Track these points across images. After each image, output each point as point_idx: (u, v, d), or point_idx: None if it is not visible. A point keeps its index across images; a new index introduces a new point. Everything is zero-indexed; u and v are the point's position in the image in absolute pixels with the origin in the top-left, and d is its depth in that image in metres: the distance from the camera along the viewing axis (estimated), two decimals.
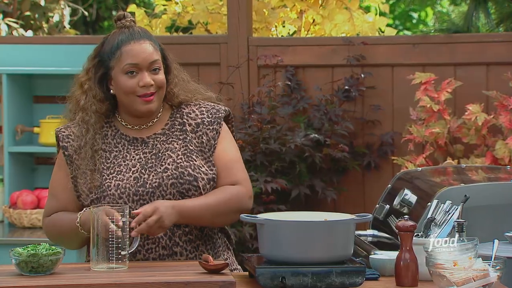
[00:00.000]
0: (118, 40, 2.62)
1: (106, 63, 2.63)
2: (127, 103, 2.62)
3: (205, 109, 2.70)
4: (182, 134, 2.67)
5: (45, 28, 6.20)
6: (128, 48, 2.60)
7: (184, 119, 2.68)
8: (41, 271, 2.32)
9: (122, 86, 2.61)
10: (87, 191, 2.61)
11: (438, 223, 2.60)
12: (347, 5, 5.32)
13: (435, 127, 4.25)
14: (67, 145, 2.66)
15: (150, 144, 2.65)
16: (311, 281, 2.28)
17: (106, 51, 2.63)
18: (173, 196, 2.58)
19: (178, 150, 2.64)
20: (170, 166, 2.61)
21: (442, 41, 4.49)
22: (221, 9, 5.37)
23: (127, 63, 2.59)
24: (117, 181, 2.59)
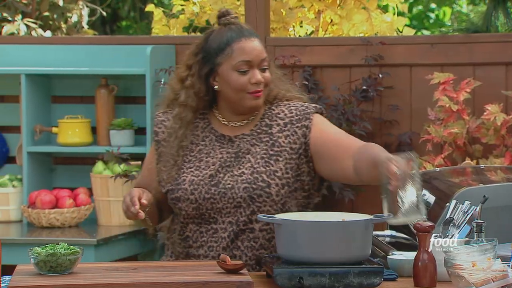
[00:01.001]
0: (227, 37, 2.61)
1: (212, 59, 2.62)
2: (236, 99, 2.62)
3: (294, 107, 2.67)
4: (266, 136, 2.64)
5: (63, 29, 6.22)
6: (240, 45, 2.60)
7: (273, 121, 2.66)
8: (59, 270, 2.33)
9: (232, 83, 2.60)
10: (166, 179, 2.64)
11: (456, 223, 2.59)
12: (365, 5, 5.31)
13: (453, 127, 4.23)
14: (158, 131, 2.70)
15: (236, 144, 2.65)
16: (329, 281, 2.28)
17: (213, 47, 2.62)
18: (243, 200, 2.59)
19: (258, 154, 2.62)
20: (246, 171, 2.61)
21: (461, 41, 4.47)
22: (238, 9, 5.37)
23: (240, 60, 2.59)
24: (192, 177, 2.61)
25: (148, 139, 4.48)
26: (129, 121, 4.57)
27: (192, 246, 2.63)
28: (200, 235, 2.62)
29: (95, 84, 4.64)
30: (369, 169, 2.44)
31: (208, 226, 2.61)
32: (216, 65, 2.62)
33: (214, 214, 2.60)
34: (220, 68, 2.62)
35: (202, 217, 2.62)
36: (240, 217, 2.59)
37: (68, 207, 4.41)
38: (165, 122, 2.69)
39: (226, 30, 2.64)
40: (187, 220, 2.64)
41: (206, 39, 2.66)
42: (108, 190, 4.46)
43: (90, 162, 4.59)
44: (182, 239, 2.66)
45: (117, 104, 4.67)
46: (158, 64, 4.51)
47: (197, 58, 2.65)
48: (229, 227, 2.59)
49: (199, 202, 2.60)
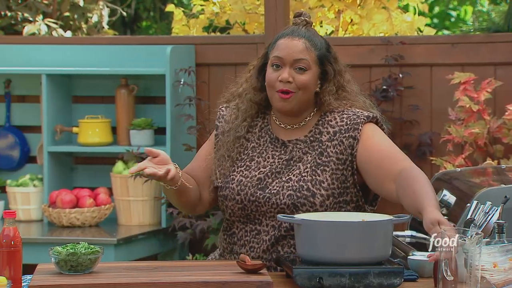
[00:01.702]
0: (280, 33, 2.64)
1: (267, 54, 2.65)
2: (269, 96, 2.63)
3: (346, 115, 2.61)
4: (317, 144, 2.62)
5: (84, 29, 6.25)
6: (281, 41, 2.60)
7: (324, 128, 2.62)
8: (80, 269, 2.34)
9: (266, 77, 2.62)
10: (218, 174, 2.65)
11: (477, 224, 2.57)
12: (385, 4, 5.29)
13: (474, 127, 4.21)
14: (218, 125, 2.71)
15: (289, 150, 2.63)
16: (349, 281, 2.27)
17: (271, 44, 2.65)
18: (287, 207, 2.58)
19: (308, 162, 2.60)
20: (294, 177, 2.59)
21: (482, 40, 4.44)
22: (258, 9, 5.37)
23: (274, 55, 2.60)
24: (241, 177, 2.62)
25: (168, 138, 4.49)
26: (149, 121, 4.58)
27: (236, 243, 2.64)
28: (245, 234, 2.63)
29: (115, 84, 4.65)
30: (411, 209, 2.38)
31: (252, 226, 2.62)
32: (267, 59, 2.64)
33: (259, 216, 2.61)
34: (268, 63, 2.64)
35: (248, 217, 2.62)
36: (283, 223, 2.58)
37: (88, 206, 4.42)
38: (225, 117, 2.70)
39: (287, 28, 2.65)
40: (233, 218, 2.64)
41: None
42: (128, 189, 4.47)
43: (110, 161, 4.60)
44: (228, 235, 2.66)
45: (137, 104, 4.68)
46: (178, 64, 4.52)
47: (263, 52, 2.68)
48: (271, 231, 2.59)
49: (244, 203, 2.60)
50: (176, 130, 4.52)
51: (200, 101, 4.59)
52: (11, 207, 4.58)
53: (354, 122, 2.59)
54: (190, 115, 4.50)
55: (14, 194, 4.57)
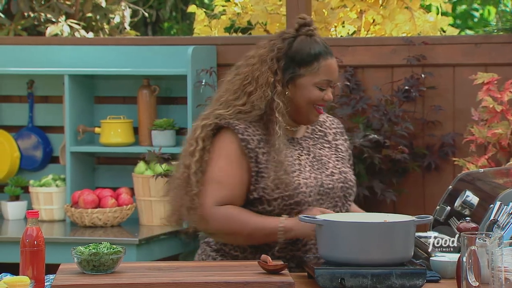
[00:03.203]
0: (315, 51, 2.63)
1: (294, 68, 2.63)
2: (303, 110, 2.65)
3: (331, 118, 2.82)
4: (326, 142, 2.74)
5: (106, 29, 6.27)
6: (327, 63, 2.63)
7: (324, 127, 2.76)
8: (102, 269, 2.34)
9: (308, 95, 2.64)
10: (273, 186, 2.60)
11: (501, 225, 2.55)
12: (408, 4, 5.27)
13: (497, 127, 4.18)
14: (248, 138, 2.62)
15: (304, 146, 2.69)
16: (371, 282, 2.26)
17: (299, 57, 2.63)
18: (340, 199, 2.66)
19: (331, 157, 2.71)
20: (335, 170, 2.68)
21: (505, 40, 4.41)
22: (280, 10, 5.36)
23: (325, 79, 2.63)
24: (303, 179, 2.63)
25: None
26: (171, 121, 4.59)
27: (300, 249, 2.63)
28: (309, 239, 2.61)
29: (137, 84, 4.66)
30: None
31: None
32: (297, 75, 2.63)
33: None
34: (300, 79, 2.63)
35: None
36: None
37: (110, 206, 4.44)
38: (248, 129, 2.63)
39: (311, 41, 2.64)
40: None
41: (289, 44, 2.64)
42: (150, 190, 4.48)
43: (132, 162, 4.62)
44: (291, 243, 2.63)
45: (159, 104, 4.69)
46: (199, 64, 4.52)
47: (280, 64, 2.64)
48: None
49: (312, 205, 2.62)
50: None
51: None
52: (34, 207, 4.60)
53: (340, 126, 2.82)
54: None
55: (37, 194, 4.60)
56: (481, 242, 2.30)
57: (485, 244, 2.24)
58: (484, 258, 2.25)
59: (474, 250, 2.16)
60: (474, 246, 2.17)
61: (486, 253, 2.24)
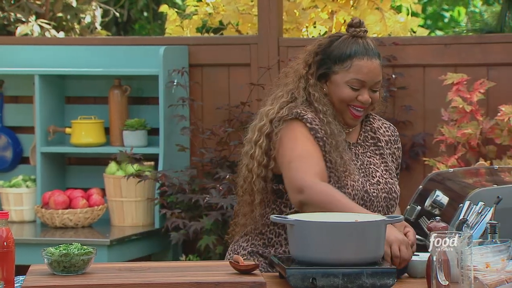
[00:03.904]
0: (351, 50, 2.62)
1: (329, 64, 2.64)
2: (338, 109, 2.65)
3: (386, 126, 2.78)
4: (377, 149, 2.71)
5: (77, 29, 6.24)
6: (361, 63, 2.61)
7: (377, 134, 2.73)
8: (73, 270, 2.33)
9: (340, 94, 2.63)
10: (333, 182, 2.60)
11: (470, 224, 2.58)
12: (378, 5, 5.30)
13: (467, 128, 4.22)
14: (316, 128, 2.61)
15: (354, 152, 2.68)
16: (342, 282, 2.27)
17: (334, 54, 2.63)
18: (382, 209, 2.64)
19: (379, 166, 2.69)
20: (381, 180, 2.66)
21: (475, 41, 4.45)
22: (251, 10, 5.37)
23: (355, 78, 2.62)
24: (351, 181, 2.61)
25: (161, 139, 4.48)
26: (142, 121, 4.58)
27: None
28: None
29: (108, 84, 4.65)
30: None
31: None
32: (331, 71, 2.64)
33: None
34: (334, 76, 2.64)
35: None
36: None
37: (81, 207, 4.42)
38: (315, 120, 2.62)
39: (352, 41, 2.65)
40: None
41: (330, 42, 2.67)
42: (121, 190, 4.46)
43: (103, 162, 4.60)
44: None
45: (130, 104, 4.68)
46: (171, 64, 4.51)
47: (316, 59, 2.66)
48: None
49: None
50: (169, 131, 4.52)
51: (193, 101, 4.59)
52: (4, 208, 4.57)
53: (396, 134, 2.79)
54: (183, 115, 4.50)
55: (7, 195, 4.56)
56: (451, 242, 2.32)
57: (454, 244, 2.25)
58: (453, 257, 2.27)
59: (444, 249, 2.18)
60: (444, 246, 2.18)
61: (455, 252, 2.26)
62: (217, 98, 4.64)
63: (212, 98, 4.66)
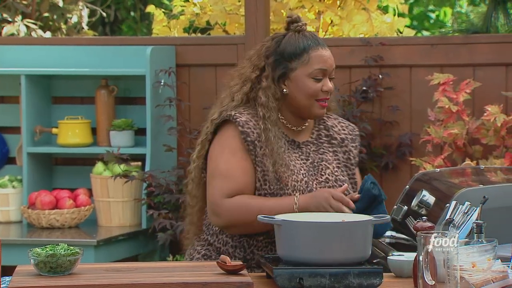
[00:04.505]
0: (304, 44, 2.66)
1: (285, 63, 2.66)
2: (304, 105, 2.66)
3: (344, 124, 2.80)
4: (331, 146, 2.74)
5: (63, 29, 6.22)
6: (317, 53, 2.65)
7: (331, 132, 2.75)
8: (59, 271, 2.33)
9: (305, 89, 2.65)
10: (262, 181, 2.62)
11: (456, 224, 2.59)
12: (365, 6, 5.31)
13: (453, 128, 4.24)
14: (248, 131, 2.64)
15: (304, 151, 2.70)
16: (329, 282, 2.27)
17: (288, 52, 2.66)
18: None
19: (332, 162, 2.71)
20: (330, 177, 2.68)
21: (461, 41, 4.47)
22: (239, 10, 5.37)
23: (317, 68, 2.65)
24: (293, 182, 2.63)
25: (148, 139, 4.48)
26: (129, 121, 4.57)
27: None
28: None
29: (95, 84, 4.64)
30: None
31: None
32: (289, 69, 2.66)
33: None
34: (294, 73, 2.66)
35: None
36: None
37: (68, 208, 4.41)
38: (249, 123, 2.64)
39: (300, 36, 2.67)
40: None
41: (277, 42, 2.68)
42: (108, 190, 4.46)
43: (90, 162, 4.59)
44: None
45: (117, 104, 4.67)
46: (158, 65, 4.51)
47: (269, 61, 2.67)
48: None
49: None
50: (156, 131, 4.52)
51: (181, 102, 4.59)
52: None
53: (355, 133, 2.81)
54: (171, 116, 4.50)
55: None
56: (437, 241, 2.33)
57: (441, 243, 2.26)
58: (440, 257, 2.28)
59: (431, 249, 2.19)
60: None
61: (442, 252, 2.26)
62: (204, 98, 4.64)
63: (199, 98, 4.66)
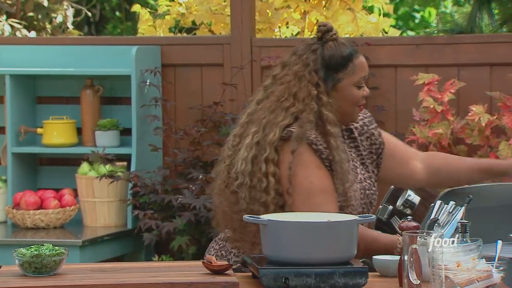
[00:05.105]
0: (346, 53, 2.70)
1: (332, 75, 2.69)
2: (348, 112, 2.72)
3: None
4: (352, 141, 2.77)
5: (48, 29, 6.21)
6: (360, 61, 2.72)
7: (350, 125, 2.78)
8: (44, 271, 2.32)
9: (351, 97, 2.71)
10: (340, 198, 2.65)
11: (441, 224, 2.60)
12: (350, 6, 5.32)
13: (438, 127, 4.25)
14: (321, 149, 2.64)
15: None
16: (314, 281, 2.28)
17: (333, 64, 2.69)
18: (366, 206, 2.71)
19: (356, 161, 2.73)
20: (361, 176, 2.71)
21: (446, 41, 4.49)
22: (224, 10, 5.37)
23: (362, 77, 2.71)
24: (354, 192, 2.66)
25: (133, 139, 4.47)
26: (115, 121, 4.56)
27: None
28: None
29: (80, 84, 4.62)
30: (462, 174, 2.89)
31: None
32: (336, 80, 2.69)
33: None
34: (341, 84, 2.69)
35: None
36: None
37: (53, 208, 4.39)
38: (318, 139, 2.64)
39: (340, 45, 2.71)
40: None
41: (321, 54, 2.68)
42: (94, 191, 4.45)
43: (75, 163, 4.58)
44: None
45: (103, 104, 4.66)
46: (144, 64, 4.50)
47: (318, 75, 2.68)
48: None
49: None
50: (142, 131, 4.51)
51: (166, 102, 4.58)
52: None
53: (369, 115, 2.86)
54: (156, 116, 4.49)
55: None
56: (422, 241, 2.34)
57: (426, 243, 2.28)
58: (425, 256, 2.29)
59: (416, 248, 2.20)
60: (416, 245, 2.20)
61: (427, 251, 2.27)
62: (190, 98, 4.64)
63: (185, 98, 4.66)
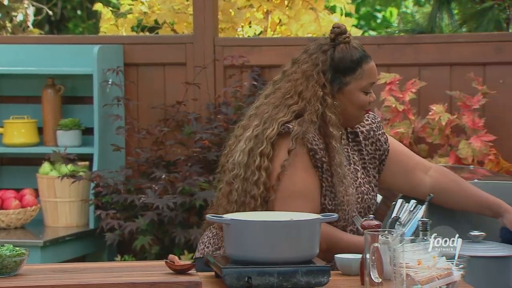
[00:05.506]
0: (357, 58, 2.67)
1: (340, 78, 2.66)
2: (354, 115, 2.69)
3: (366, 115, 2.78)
4: (356, 145, 2.74)
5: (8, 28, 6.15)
6: (369, 66, 2.68)
7: (356, 128, 2.75)
8: (5, 272, 2.30)
9: (357, 102, 2.67)
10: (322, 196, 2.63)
11: (402, 222, 2.62)
12: (313, 5, 5.34)
13: (399, 127, 4.29)
14: (316, 148, 2.62)
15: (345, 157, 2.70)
16: (277, 280, 2.29)
17: (343, 66, 2.66)
18: (363, 210, 2.68)
19: (359, 164, 2.72)
20: (361, 180, 2.70)
21: (407, 41, 4.52)
22: (187, 9, 5.36)
23: (369, 82, 2.67)
24: (346, 197, 2.64)
25: (95, 139, 4.44)
26: (76, 121, 4.53)
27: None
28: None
29: (41, 84, 4.59)
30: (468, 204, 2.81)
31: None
32: (343, 83, 2.67)
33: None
34: (347, 87, 2.67)
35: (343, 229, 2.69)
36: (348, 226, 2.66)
37: (13, 208, 4.35)
38: (315, 139, 2.62)
39: (351, 49, 2.69)
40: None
41: (331, 56, 2.67)
42: (55, 191, 4.41)
43: (37, 162, 4.54)
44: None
45: (64, 104, 4.63)
46: (106, 64, 4.48)
47: (326, 77, 2.66)
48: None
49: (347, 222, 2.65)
50: (104, 131, 4.49)
51: (129, 101, 4.56)
52: None
53: (378, 121, 2.81)
54: (119, 115, 4.47)
55: None
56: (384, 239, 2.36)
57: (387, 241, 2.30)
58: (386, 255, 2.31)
59: (377, 247, 2.22)
60: (377, 243, 2.22)
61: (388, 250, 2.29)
62: (152, 97, 4.62)
63: (148, 98, 4.64)
